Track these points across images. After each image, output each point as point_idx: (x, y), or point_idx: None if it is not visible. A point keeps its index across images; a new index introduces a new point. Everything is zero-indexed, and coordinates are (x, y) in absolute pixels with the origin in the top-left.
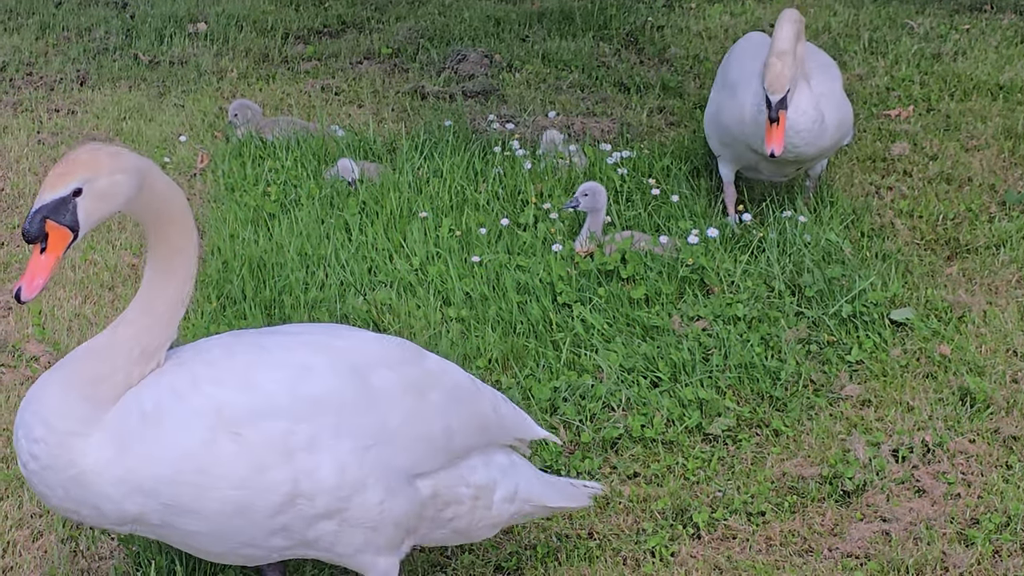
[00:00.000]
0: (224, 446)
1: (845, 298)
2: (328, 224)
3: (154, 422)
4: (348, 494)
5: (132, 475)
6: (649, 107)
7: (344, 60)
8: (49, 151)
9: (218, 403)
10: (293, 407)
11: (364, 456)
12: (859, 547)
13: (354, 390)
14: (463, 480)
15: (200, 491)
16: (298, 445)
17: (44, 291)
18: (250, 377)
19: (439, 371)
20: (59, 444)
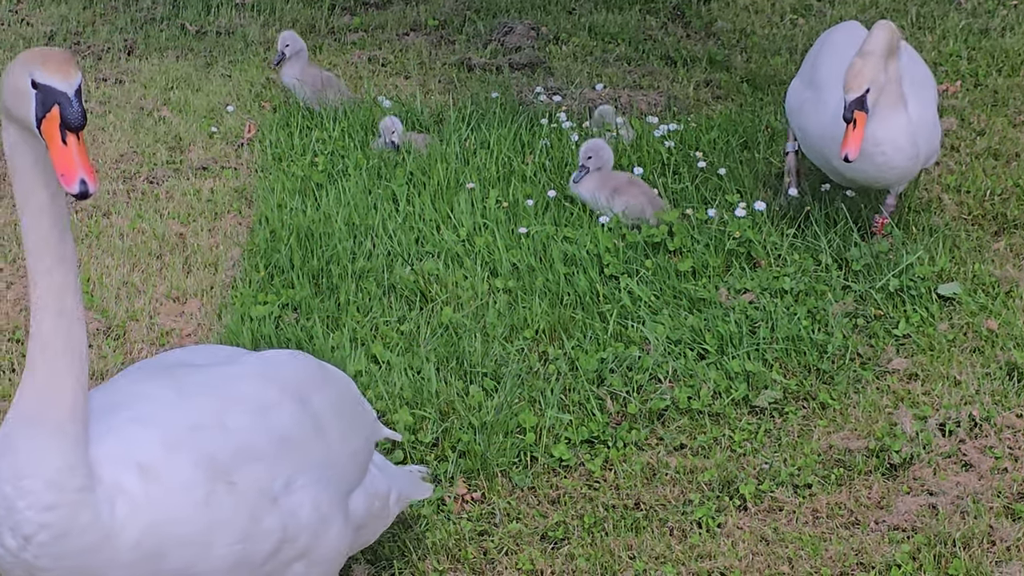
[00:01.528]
0: (223, 498)
1: (892, 272)
2: (375, 194)
3: (154, 477)
4: (323, 531)
5: (148, 538)
6: (696, 80)
7: (391, 31)
8: (97, 120)
9: (206, 452)
10: (269, 448)
11: (328, 488)
12: (906, 520)
13: (307, 423)
14: (375, 492)
15: (206, 550)
16: (278, 489)
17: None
18: (225, 419)
19: (345, 382)
20: (73, 504)
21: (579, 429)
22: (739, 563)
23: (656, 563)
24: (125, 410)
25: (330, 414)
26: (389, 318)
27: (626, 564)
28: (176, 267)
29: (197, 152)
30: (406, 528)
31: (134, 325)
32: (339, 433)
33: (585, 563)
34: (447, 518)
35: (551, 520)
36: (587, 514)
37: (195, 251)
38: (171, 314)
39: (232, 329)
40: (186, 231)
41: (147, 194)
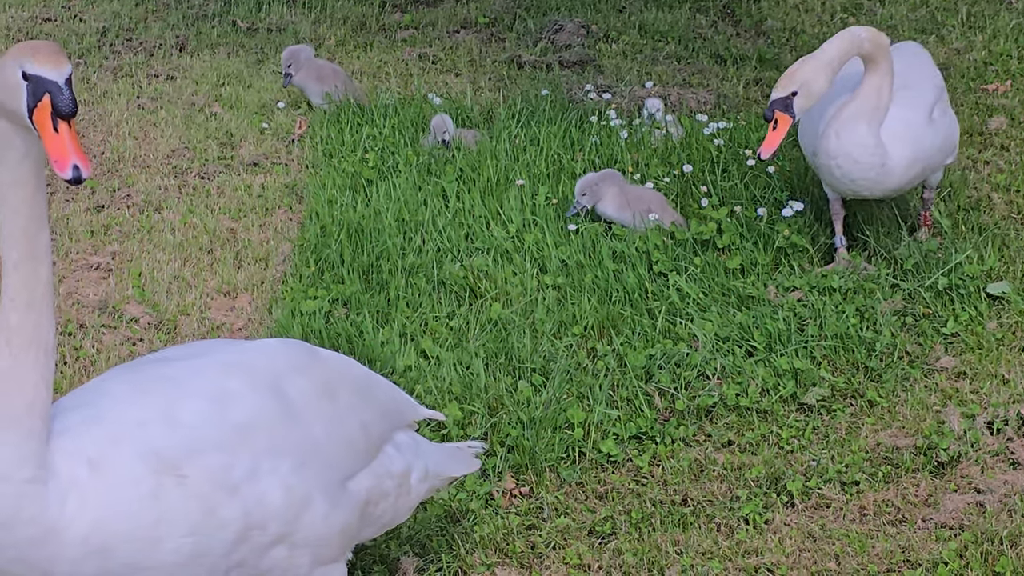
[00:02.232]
0: (171, 492)
1: (941, 271)
2: (425, 191)
3: (102, 471)
4: (296, 514)
5: (96, 533)
6: (746, 79)
7: (441, 29)
8: (148, 115)
9: (153, 447)
10: (225, 438)
11: (303, 472)
12: (953, 518)
13: (276, 406)
14: (387, 472)
15: (155, 544)
16: (239, 478)
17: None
18: (175, 415)
19: (341, 366)
20: (18, 495)
21: (627, 425)
22: (786, 559)
23: (703, 559)
24: (86, 407)
25: (314, 399)
26: (438, 314)
27: (673, 559)
28: (227, 262)
29: (248, 148)
30: (454, 522)
31: (185, 319)
32: (326, 418)
33: (632, 558)
34: (495, 512)
35: (599, 515)
36: (634, 509)
37: (246, 246)
38: (222, 308)
39: (282, 324)
40: (237, 226)
41: (198, 189)
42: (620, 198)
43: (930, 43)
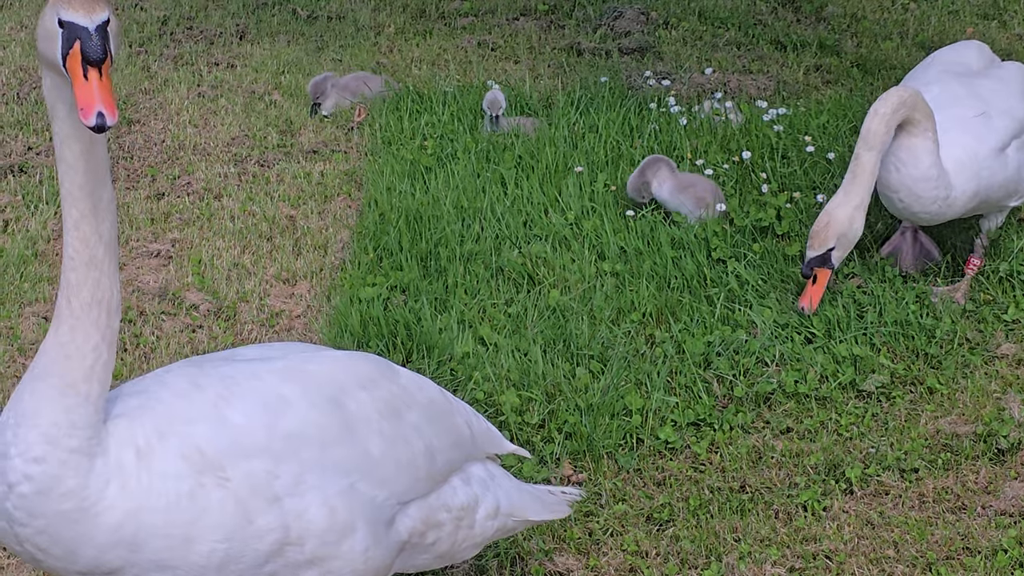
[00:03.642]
0: (211, 494)
1: (1001, 258)
2: (484, 178)
3: (146, 462)
4: (337, 539)
5: (129, 523)
6: (806, 65)
7: (500, 16)
8: (209, 103)
9: (196, 444)
10: (271, 445)
11: (352, 495)
12: (1013, 505)
13: (331, 419)
14: (444, 505)
15: (187, 545)
16: (282, 489)
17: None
18: (224, 415)
19: (414, 387)
20: (61, 464)
21: (685, 412)
22: (844, 546)
23: (761, 546)
24: (143, 396)
25: (374, 417)
26: (496, 300)
27: (731, 546)
28: (286, 249)
29: (307, 136)
30: None
31: (244, 306)
32: (386, 438)
33: (690, 545)
34: None
35: (656, 502)
36: (692, 496)
37: (305, 233)
38: (281, 295)
39: (341, 311)
40: (296, 214)
41: (258, 177)
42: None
43: (992, 28)
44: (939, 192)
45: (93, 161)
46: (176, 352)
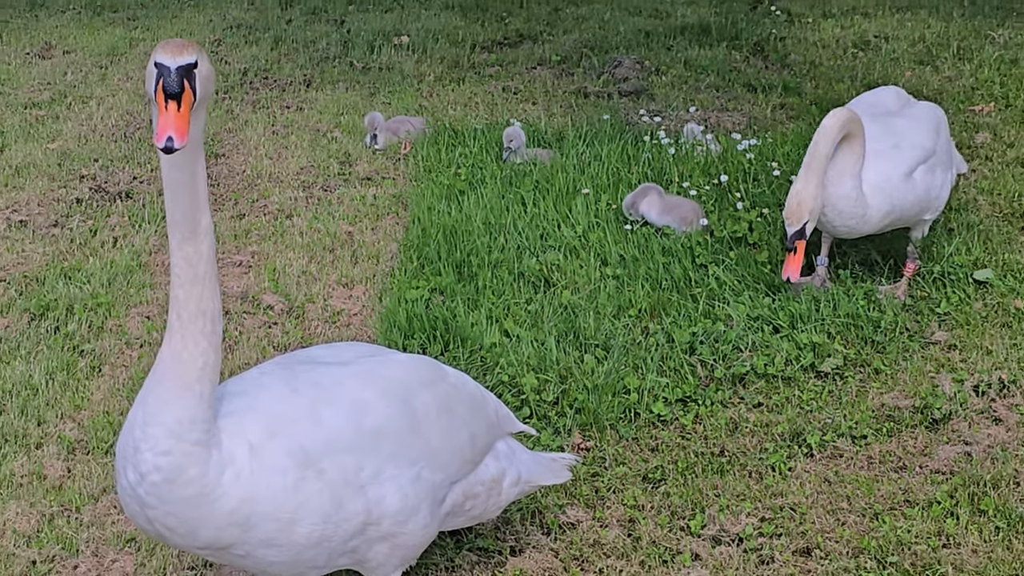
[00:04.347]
0: (310, 485)
1: (936, 261)
2: (507, 199)
3: (259, 456)
4: (405, 519)
5: (243, 507)
6: (772, 104)
7: (521, 66)
8: (281, 140)
9: (300, 443)
10: (359, 441)
11: (418, 482)
12: (945, 465)
13: (403, 417)
14: (479, 480)
15: (291, 526)
16: (366, 478)
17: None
18: (320, 415)
19: (460, 384)
20: (187, 456)
21: (674, 390)
22: (806, 500)
23: (737, 500)
24: (247, 397)
25: (434, 414)
26: (518, 299)
27: (712, 500)
28: (345, 259)
29: (363, 165)
30: None
31: (311, 306)
32: (443, 430)
33: (679, 500)
34: None
35: (651, 464)
36: (680, 460)
37: (360, 246)
38: (341, 297)
39: (390, 309)
40: (353, 230)
41: (321, 200)
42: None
43: (926, 72)
44: (857, 210)
45: (194, 190)
46: (255, 344)
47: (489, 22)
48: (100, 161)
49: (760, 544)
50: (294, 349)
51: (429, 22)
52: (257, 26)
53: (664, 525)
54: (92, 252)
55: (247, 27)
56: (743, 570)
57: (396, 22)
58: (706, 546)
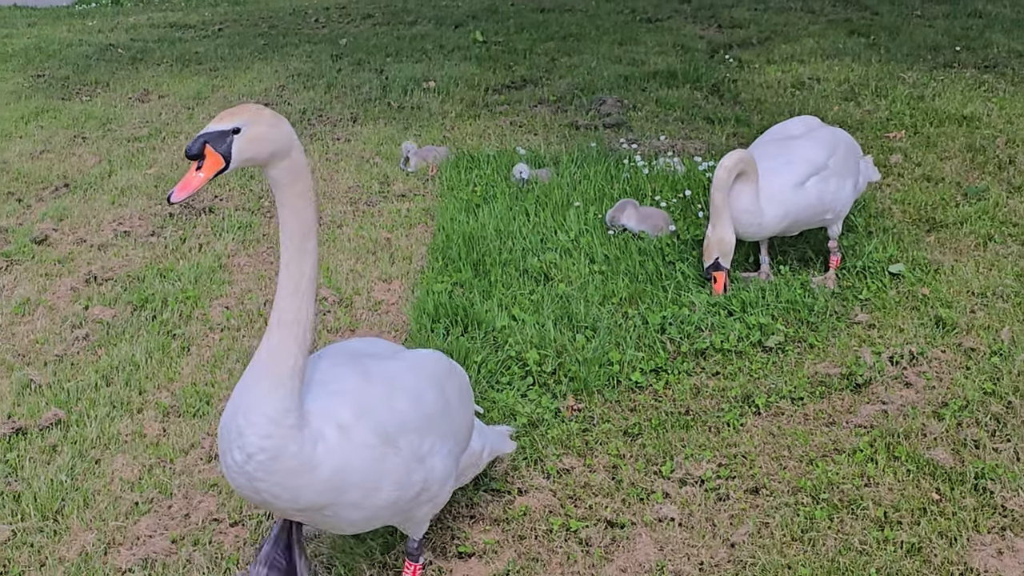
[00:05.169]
0: (391, 459)
1: (858, 257)
2: (514, 210)
3: (348, 435)
4: (443, 483)
5: (337, 475)
6: (727, 133)
7: (524, 104)
8: (333, 165)
9: (382, 424)
10: (420, 423)
11: (452, 455)
12: (866, 421)
13: (442, 404)
14: (472, 451)
15: (374, 492)
16: (425, 452)
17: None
18: (393, 403)
19: (462, 375)
20: (286, 438)
21: (648, 362)
22: (754, 449)
23: (699, 450)
24: (329, 384)
25: (456, 398)
26: (523, 291)
27: (679, 450)
28: (384, 260)
29: (398, 185)
30: (534, 427)
31: (357, 298)
32: (461, 412)
33: (652, 450)
34: (562, 421)
35: (630, 421)
36: (653, 418)
37: (397, 249)
38: (381, 290)
39: (421, 299)
40: (391, 236)
41: (366, 212)
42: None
43: (850, 107)
44: (754, 219)
45: (299, 220)
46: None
47: (499, 70)
48: None
49: (718, 485)
50: (344, 332)
51: (451, 70)
52: (313, 74)
53: (641, 470)
54: (182, 256)
55: (305, 75)
56: (704, 506)
57: (425, 70)
58: (675, 487)
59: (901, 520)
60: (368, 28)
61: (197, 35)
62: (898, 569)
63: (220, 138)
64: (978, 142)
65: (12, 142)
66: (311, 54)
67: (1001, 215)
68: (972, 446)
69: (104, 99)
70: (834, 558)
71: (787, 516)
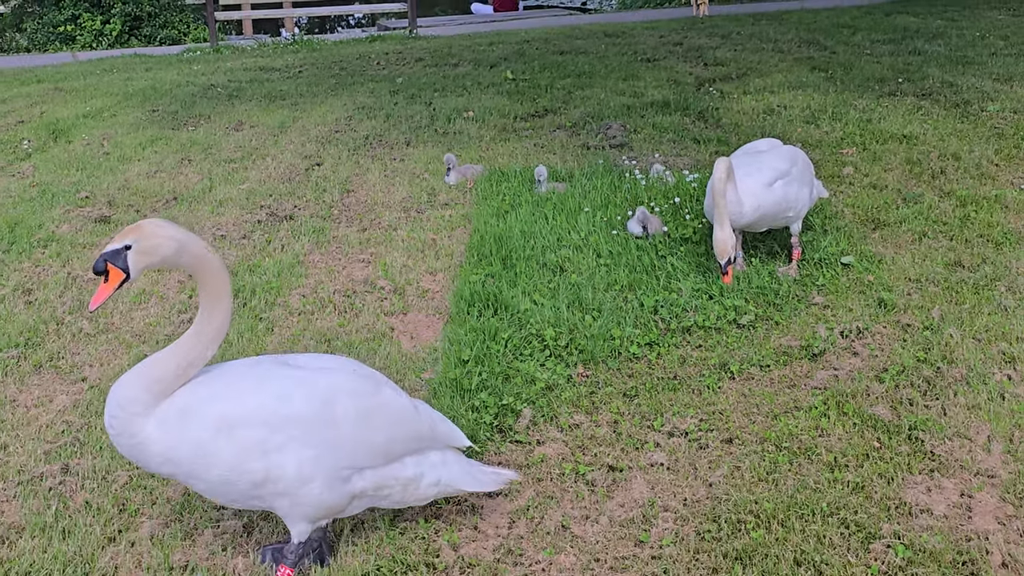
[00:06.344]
0: (221, 443)
1: (816, 251)
2: (536, 216)
3: (185, 418)
4: (298, 485)
5: (169, 451)
6: (711, 151)
7: (546, 130)
8: (390, 180)
9: (221, 412)
10: (271, 420)
11: (317, 461)
12: (821, 383)
13: (318, 414)
14: (393, 476)
15: (205, 467)
16: (270, 447)
17: (105, 304)
18: (245, 398)
19: (388, 401)
20: (127, 421)
21: (643, 337)
22: (729, 407)
23: (684, 408)
24: (208, 377)
25: (351, 416)
26: (542, 280)
27: (668, 408)
28: (431, 256)
29: (443, 196)
30: (551, 391)
31: (409, 288)
32: (355, 431)
33: (646, 408)
34: (573, 385)
35: (628, 385)
36: (648, 382)
37: (442, 247)
38: (428, 281)
39: (460, 288)
40: (436, 237)
41: (417, 218)
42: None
43: (811, 129)
44: (735, 209)
45: (211, 289)
46: (373, 311)
47: (525, 102)
48: (273, 196)
49: (699, 436)
50: (398, 315)
51: (487, 102)
52: (375, 107)
53: (637, 424)
54: (267, 255)
55: (368, 108)
56: (688, 453)
57: (465, 103)
58: (664, 438)
59: (848, 464)
60: (419, 69)
61: (281, 76)
62: (845, 503)
63: (116, 255)
64: (915, 156)
65: (132, 164)
66: (373, 91)
67: (933, 216)
68: (907, 404)
69: (206, 129)
70: (793, 495)
71: (755, 461)
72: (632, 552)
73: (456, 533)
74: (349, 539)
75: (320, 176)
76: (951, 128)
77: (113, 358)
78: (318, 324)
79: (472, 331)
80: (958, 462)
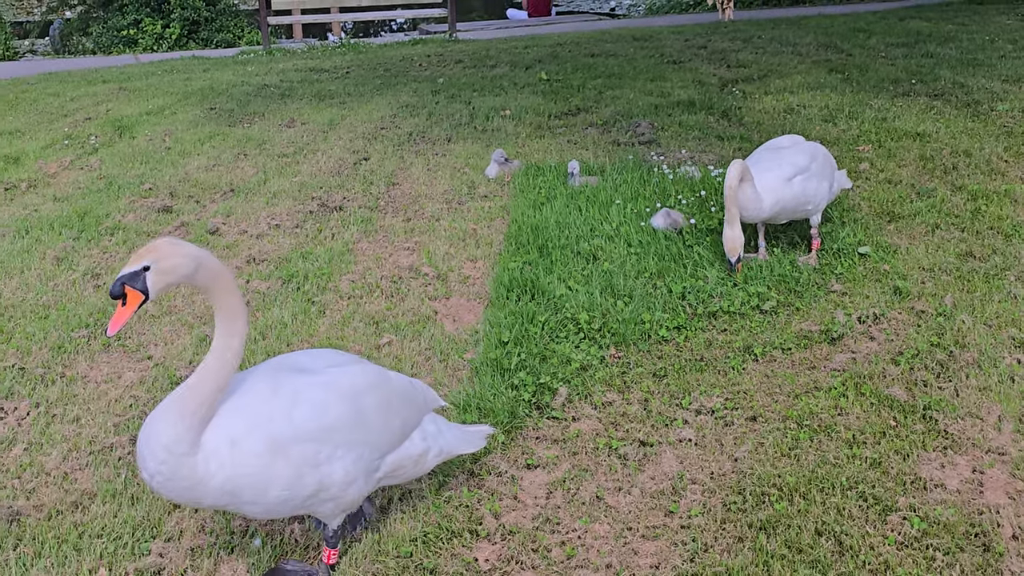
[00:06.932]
0: (279, 464)
1: (835, 241)
2: (571, 206)
3: (238, 449)
4: (345, 487)
5: (227, 484)
6: (734, 148)
7: (579, 127)
8: (432, 174)
9: (273, 435)
10: (318, 434)
11: (358, 463)
12: (839, 366)
13: (351, 414)
14: (407, 455)
15: (264, 490)
16: (322, 460)
17: (125, 327)
18: (291, 415)
19: (396, 385)
20: (177, 463)
21: (672, 321)
22: (753, 387)
23: (711, 388)
24: (237, 400)
25: (375, 409)
26: (576, 267)
27: (696, 388)
28: (472, 245)
29: (482, 188)
30: (585, 371)
31: (451, 274)
32: (381, 421)
33: (675, 387)
34: (606, 366)
35: (658, 366)
36: (676, 363)
37: (482, 237)
38: (469, 268)
39: (499, 275)
40: (477, 227)
41: (458, 209)
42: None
43: (828, 127)
44: (755, 203)
45: (227, 308)
46: (418, 296)
47: (559, 101)
48: (324, 188)
49: (725, 414)
50: (441, 300)
51: (523, 101)
52: (418, 105)
53: (666, 403)
54: (319, 243)
55: (412, 106)
56: (714, 430)
57: (503, 102)
58: (692, 416)
59: (865, 441)
60: (459, 70)
61: (330, 76)
62: (863, 478)
63: (134, 277)
64: (928, 153)
65: (192, 158)
66: (416, 90)
67: (946, 209)
68: (922, 385)
69: (260, 125)
70: (814, 469)
71: (778, 438)
72: (662, 521)
73: (497, 503)
74: (398, 507)
75: (367, 170)
76: (962, 126)
77: (176, 338)
78: (367, 308)
79: (511, 315)
80: (970, 440)
